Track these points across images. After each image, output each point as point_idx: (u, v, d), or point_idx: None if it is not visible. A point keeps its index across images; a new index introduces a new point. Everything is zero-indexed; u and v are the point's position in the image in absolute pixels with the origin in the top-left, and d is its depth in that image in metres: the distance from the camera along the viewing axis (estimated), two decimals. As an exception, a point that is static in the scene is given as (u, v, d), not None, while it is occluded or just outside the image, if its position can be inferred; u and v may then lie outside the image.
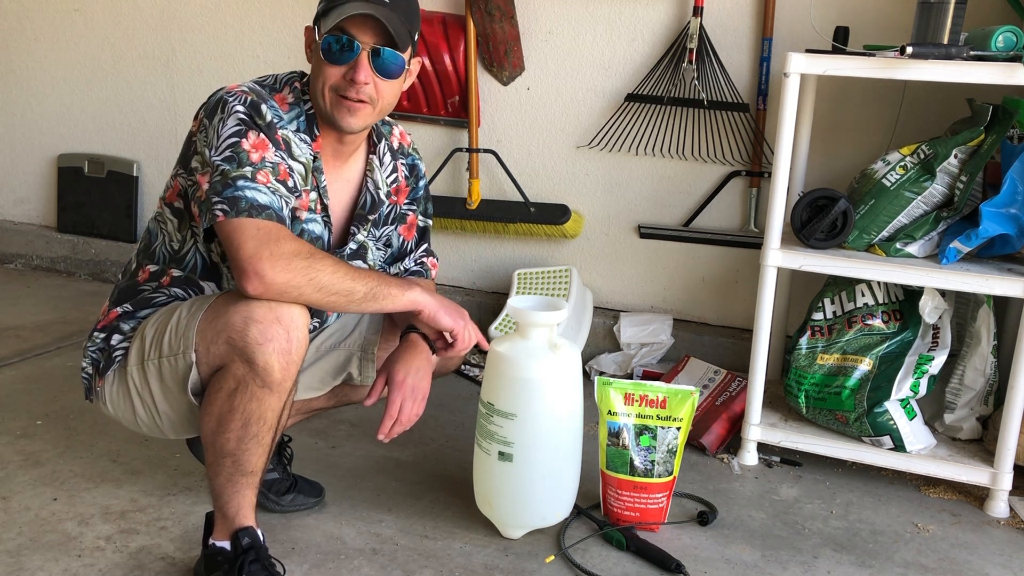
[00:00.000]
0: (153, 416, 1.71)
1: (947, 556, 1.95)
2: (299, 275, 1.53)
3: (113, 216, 3.62)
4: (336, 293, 1.58)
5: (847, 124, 2.66)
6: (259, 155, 1.58)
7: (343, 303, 1.61)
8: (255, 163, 1.57)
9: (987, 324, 2.20)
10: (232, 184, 1.55)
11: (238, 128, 1.58)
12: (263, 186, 1.57)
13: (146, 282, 1.75)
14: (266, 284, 1.52)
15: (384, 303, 1.66)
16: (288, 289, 1.53)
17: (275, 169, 1.60)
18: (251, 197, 1.55)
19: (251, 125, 1.59)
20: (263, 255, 1.51)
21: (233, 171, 1.56)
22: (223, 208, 1.54)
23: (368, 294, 1.62)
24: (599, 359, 2.86)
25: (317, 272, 1.55)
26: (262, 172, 1.58)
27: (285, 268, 1.52)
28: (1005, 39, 2.00)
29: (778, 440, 2.28)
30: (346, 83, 1.64)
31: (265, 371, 1.53)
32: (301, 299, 1.56)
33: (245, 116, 1.59)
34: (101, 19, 3.51)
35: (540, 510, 1.89)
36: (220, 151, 1.57)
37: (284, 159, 1.63)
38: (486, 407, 1.85)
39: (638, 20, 2.81)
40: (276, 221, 1.57)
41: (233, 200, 1.54)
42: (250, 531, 1.62)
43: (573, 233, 2.96)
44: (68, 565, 1.76)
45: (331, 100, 1.66)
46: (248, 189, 1.55)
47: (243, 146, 1.57)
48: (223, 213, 1.54)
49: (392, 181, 1.87)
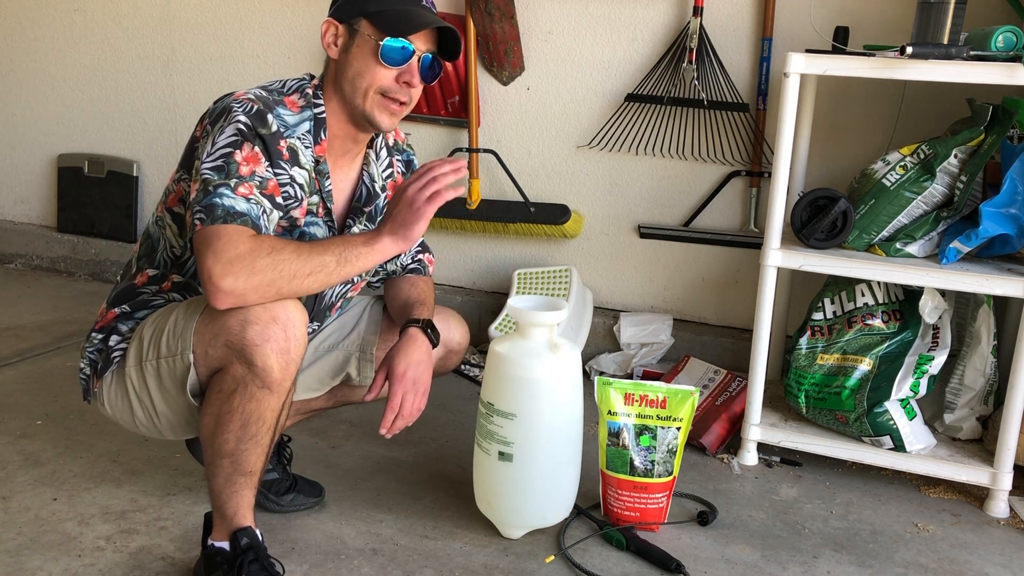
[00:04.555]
0: (151, 417, 1.71)
1: (947, 556, 1.95)
2: (267, 272, 1.49)
3: (113, 216, 3.62)
4: (310, 273, 1.53)
5: (847, 124, 2.66)
6: (249, 168, 1.56)
7: (323, 279, 1.56)
8: (243, 176, 1.55)
9: (987, 324, 2.20)
10: (212, 191, 1.52)
11: (234, 139, 1.56)
12: (242, 198, 1.54)
13: (145, 285, 1.75)
14: (236, 295, 1.48)
15: (358, 262, 1.59)
16: (262, 289, 1.49)
17: (263, 184, 1.57)
18: (228, 205, 1.52)
19: (248, 136, 1.57)
20: (221, 269, 1.46)
21: (217, 180, 1.53)
22: (200, 217, 1.52)
23: (339, 259, 1.56)
24: (599, 359, 2.86)
25: (284, 262, 1.50)
26: (246, 185, 1.55)
27: (250, 272, 1.48)
28: (1005, 39, 2.00)
29: (778, 440, 2.28)
30: (397, 86, 1.65)
31: (264, 371, 1.53)
32: (281, 293, 1.52)
33: (244, 127, 1.57)
34: (101, 19, 3.51)
35: (540, 510, 1.89)
36: (211, 160, 1.55)
37: (282, 172, 1.61)
38: (486, 407, 1.85)
39: (638, 20, 2.81)
40: (248, 227, 1.52)
41: (210, 208, 1.51)
42: (249, 531, 1.62)
43: (573, 233, 2.96)
44: (68, 565, 1.76)
45: (375, 101, 1.66)
46: (227, 198, 1.52)
47: (235, 157, 1.55)
48: (200, 222, 1.51)
49: (388, 176, 1.88)
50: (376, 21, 1.64)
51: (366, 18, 1.64)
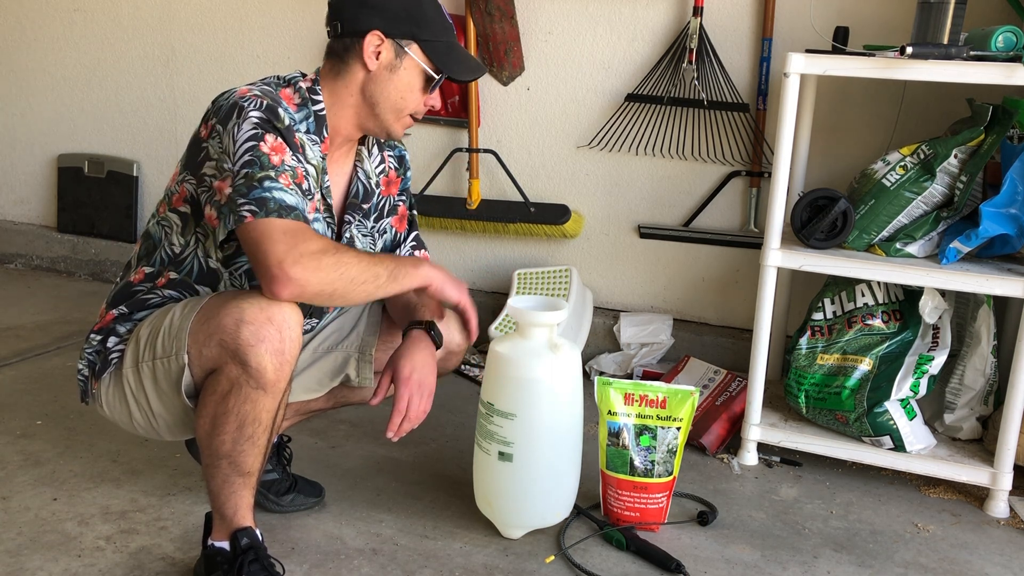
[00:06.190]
0: (148, 418, 1.71)
1: (947, 556, 1.95)
2: (331, 271, 1.53)
3: (113, 216, 3.62)
4: (365, 281, 1.58)
5: (847, 124, 2.66)
6: (279, 158, 1.57)
7: (371, 289, 1.60)
8: (276, 166, 1.56)
9: (987, 324, 2.20)
10: (259, 185, 1.53)
11: (255, 131, 1.56)
12: (288, 189, 1.56)
13: (140, 283, 1.74)
14: (301, 286, 1.51)
15: (404, 281, 1.65)
16: (323, 287, 1.53)
17: (293, 172, 1.59)
18: (279, 198, 1.53)
19: (268, 128, 1.57)
20: (293, 258, 1.49)
21: (257, 173, 1.54)
22: (251, 209, 1.52)
23: (390, 275, 1.62)
24: (599, 359, 2.86)
25: (345, 266, 1.55)
26: (284, 175, 1.57)
27: (316, 268, 1.51)
28: (1005, 39, 2.00)
29: (778, 440, 2.28)
30: (424, 108, 1.74)
31: (259, 372, 1.52)
32: (335, 295, 1.56)
33: (261, 119, 1.57)
34: (101, 19, 3.51)
35: (540, 510, 1.89)
36: (239, 155, 1.55)
37: (301, 162, 1.62)
38: (486, 407, 1.85)
39: (638, 20, 2.81)
40: (303, 222, 1.55)
41: (261, 201, 1.52)
42: (249, 531, 1.62)
43: (573, 233, 2.96)
44: (68, 565, 1.76)
45: (403, 120, 1.73)
46: (276, 190, 1.53)
47: (262, 149, 1.56)
48: (251, 214, 1.52)
49: (380, 171, 1.88)
50: (429, 51, 1.68)
51: (418, 44, 1.68)
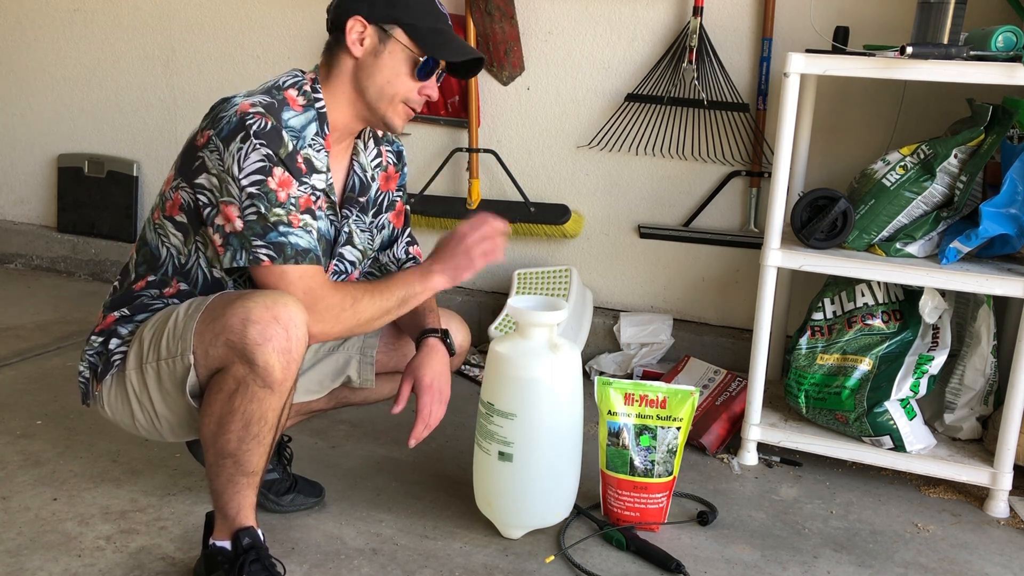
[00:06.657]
0: (152, 420, 1.70)
1: (947, 556, 1.95)
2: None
3: (113, 216, 3.62)
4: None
5: (847, 124, 2.66)
6: (285, 194, 1.60)
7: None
8: (283, 202, 1.60)
9: (987, 324, 2.20)
10: (273, 228, 1.59)
11: (262, 165, 1.58)
12: (299, 229, 1.61)
13: (144, 289, 1.73)
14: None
15: (413, 302, 1.74)
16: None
17: (297, 203, 1.62)
18: (295, 243, 1.60)
19: (275, 162, 1.59)
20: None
21: (270, 214, 1.58)
22: (268, 254, 1.59)
23: (400, 302, 1.72)
24: (599, 359, 2.86)
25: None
26: (293, 215, 1.61)
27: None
28: (1005, 39, 2.00)
29: (778, 440, 2.28)
30: (419, 97, 1.73)
31: (266, 371, 1.52)
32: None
33: (268, 155, 1.58)
34: (101, 19, 3.51)
35: (540, 510, 1.89)
36: (246, 185, 1.57)
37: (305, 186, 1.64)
38: (486, 407, 1.85)
39: (638, 20, 2.81)
40: (317, 263, 1.63)
41: (279, 246, 1.59)
42: (251, 531, 1.62)
43: (573, 233, 2.97)
44: (68, 565, 1.76)
45: (396, 107, 1.72)
46: (291, 235, 1.60)
47: (270, 185, 1.59)
48: (269, 259, 1.59)
49: (378, 166, 1.88)
50: (413, 34, 1.68)
51: (401, 27, 1.67)
